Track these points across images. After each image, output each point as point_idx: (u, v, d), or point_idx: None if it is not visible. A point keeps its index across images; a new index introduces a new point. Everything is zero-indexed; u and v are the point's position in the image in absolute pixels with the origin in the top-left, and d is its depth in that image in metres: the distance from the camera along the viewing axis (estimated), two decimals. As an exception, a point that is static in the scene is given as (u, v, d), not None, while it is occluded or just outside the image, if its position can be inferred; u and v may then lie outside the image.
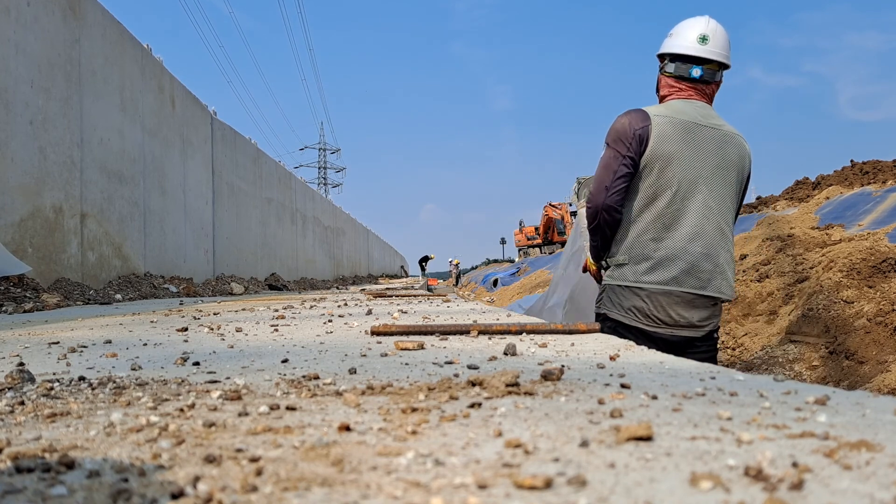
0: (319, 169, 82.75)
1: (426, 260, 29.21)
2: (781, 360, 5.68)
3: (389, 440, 0.70)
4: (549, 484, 0.53)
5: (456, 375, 1.10)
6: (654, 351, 1.44)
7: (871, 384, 4.57)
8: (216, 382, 1.10)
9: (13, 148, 4.85)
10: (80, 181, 5.81)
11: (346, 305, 4.01)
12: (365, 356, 1.43)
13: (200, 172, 9.22)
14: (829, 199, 10.40)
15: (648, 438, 0.67)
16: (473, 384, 0.97)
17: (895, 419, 0.73)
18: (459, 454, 0.64)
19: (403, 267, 51.90)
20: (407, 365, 1.26)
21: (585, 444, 0.66)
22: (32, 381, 1.10)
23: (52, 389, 1.03)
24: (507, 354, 1.37)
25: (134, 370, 1.30)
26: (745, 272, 7.64)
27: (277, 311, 3.48)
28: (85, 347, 1.76)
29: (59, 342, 1.94)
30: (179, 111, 8.47)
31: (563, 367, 1.13)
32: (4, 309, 3.90)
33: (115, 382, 1.08)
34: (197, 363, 1.36)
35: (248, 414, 0.83)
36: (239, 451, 0.66)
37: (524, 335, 1.78)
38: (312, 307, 3.90)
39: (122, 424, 0.79)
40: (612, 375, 1.08)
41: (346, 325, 2.42)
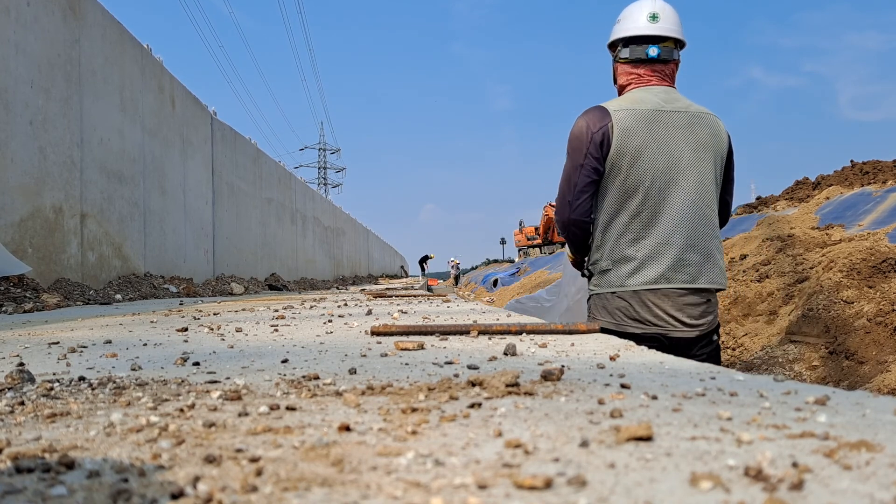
0: (319, 169, 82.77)
1: (426, 259, 29.14)
2: (781, 360, 5.68)
3: (389, 440, 0.70)
4: (549, 484, 0.53)
5: (456, 375, 1.10)
6: (653, 351, 1.44)
7: (871, 384, 4.57)
8: (216, 382, 1.10)
9: (13, 148, 4.85)
10: (80, 181, 5.81)
11: (346, 305, 4.01)
12: (365, 356, 1.43)
13: (200, 172, 9.22)
14: (829, 199, 10.41)
15: (648, 438, 0.67)
16: (473, 384, 0.97)
17: (895, 419, 0.73)
18: (459, 454, 0.64)
19: (403, 267, 51.90)
20: (407, 365, 1.26)
21: (585, 444, 0.66)
22: (32, 381, 1.10)
23: (52, 390, 1.03)
24: (507, 354, 1.37)
25: (134, 370, 1.30)
26: (745, 272, 7.65)
27: (277, 311, 3.48)
28: (85, 347, 1.76)
29: (59, 342, 1.94)
30: (179, 111, 8.47)
31: (563, 367, 1.13)
32: (4, 309, 3.90)
33: (115, 382, 1.09)
34: (197, 363, 1.36)
35: (248, 414, 0.83)
36: (239, 451, 0.66)
37: (524, 335, 1.78)
38: (312, 307, 3.90)
39: (122, 424, 0.79)
40: (612, 375, 1.08)
41: (346, 325, 2.42)
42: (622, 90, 2.43)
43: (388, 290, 9.47)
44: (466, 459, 0.62)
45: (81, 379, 1.12)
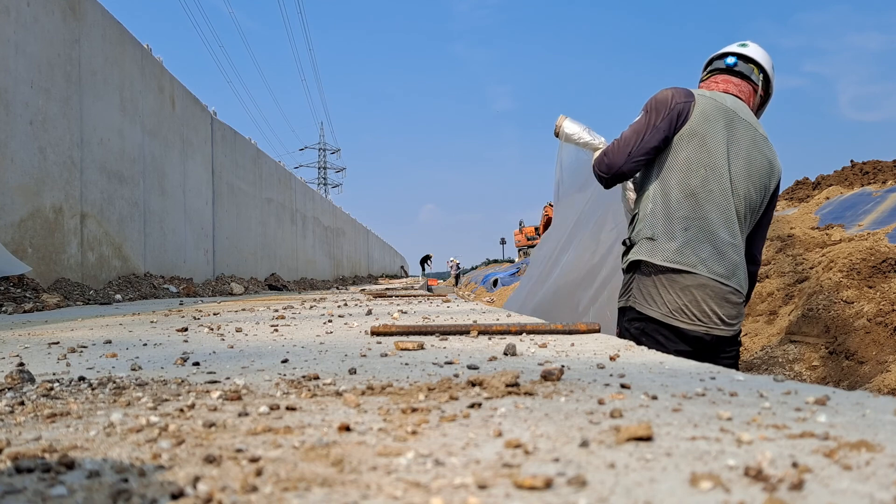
0: (319, 169, 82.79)
1: (427, 259, 29.14)
2: (781, 360, 5.68)
3: (389, 440, 0.70)
4: (549, 484, 0.53)
5: (456, 376, 1.10)
6: (653, 351, 1.44)
7: (871, 384, 4.57)
8: (216, 383, 1.10)
9: (13, 148, 4.85)
10: (79, 181, 5.81)
11: (345, 305, 4.01)
12: (365, 356, 1.43)
13: (200, 173, 9.22)
14: (829, 199, 10.40)
15: (648, 438, 0.67)
16: (473, 384, 0.97)
17: (895, 419, 0.73)
18: (459, 454, 0.64)
19: (403, 267, 51.90)
20: (407, 365, 1.26)
21: (585, 444, 0.66)
22: (32, 381, 1.10)
23: (51, 390, 1.03)
24: (506, 355, 1.37)
25: (134, 370, 1.30)
26: (745, 272, 7.64)
27: (277, 311, 3.48)
28: (85, 347, 1.76)
29: (58, 342, 1.94)
30: (179, 111, 8.47)
31: (563, 367, 1.13)
32: (4, 309, 3.91)
33: (114, 383, 1.08)
34: (197, 363, 1.36)
35: (247, 414, 0.83)
36: (239, 451, 0.66)
37: (524, 335, 1.78)
38: (312, 307, 3.90)
39: (121, 425, 0.79)
40: (612, 376, 1.08)
41: (346, 325, 2.42)
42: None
43: (387, 290, 9.47)
44: (466, 459, 0.62)
45: (81, 379, 1.12)
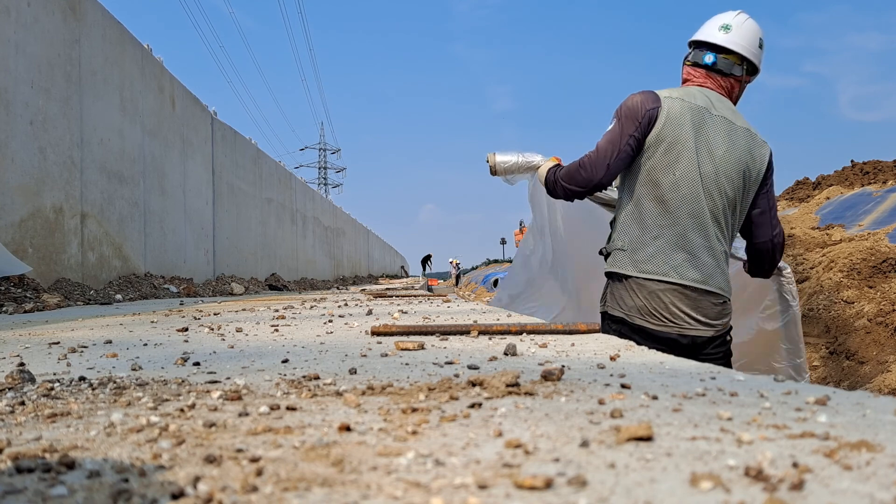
0: (319, 169, 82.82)
1: (428, 260, 29.16)
2: (782, 360, 5.67)
3: (389, 440, 0.70)
4: (549, 484, 0.53)
5: (456, 376, 1.10)
6: (654, 351, 1.44)
7: (871, 384, 4.57)
8: (216, 383, 1.10)
9: (13, 148, 4.85)
10: (80, 181, 5.81)
11: (346, 305, 4.01)
12: (365, 356, 1.43)
13: (200, 173, 9.22)
14: (829, 199, 10.41)
15: (649, 439, 0.67)
16: (474, 384, 0.97)
17: (895, 419, 0.73)
18: (459, 454, 0.64)
19: (404, 267, 51.89)
20: (407, 365, 1.26)
21: (586, 444, 0.66)
22: (33, 381, 1.10)
23: (52, 390, 1.03)
24: (507, 355, 1.37)
25: (134, 370, 1.30)
26: (745, 272, 7.64)
27: (277, 311, 3.48)
28: (85, 347, 1.76)
29: (59, 342, 1.94)
30: (179, 111, 8.47)
31: (563, 367, 1.13)
32: (5, 309, 3.91)
33: (115, 383, 1.09)
34: (197, 363, 1.36)
35: (248, 414, 0.83)
36: (239, 451, 0.66)
37: (524, 335, 1.78)
38: (313, 307, 3.90)
39: (122, 425, 0.79)
40: (612, 376, 1.08)
41: (346, 325, 2.42)
42: (682, 86, 2.47)
43: (388, 290, 9.47)
44: (466, 459, 0.62)
45: (82, 379, 1.12)
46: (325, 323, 2.54)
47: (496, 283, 23.15)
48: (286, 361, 1.36)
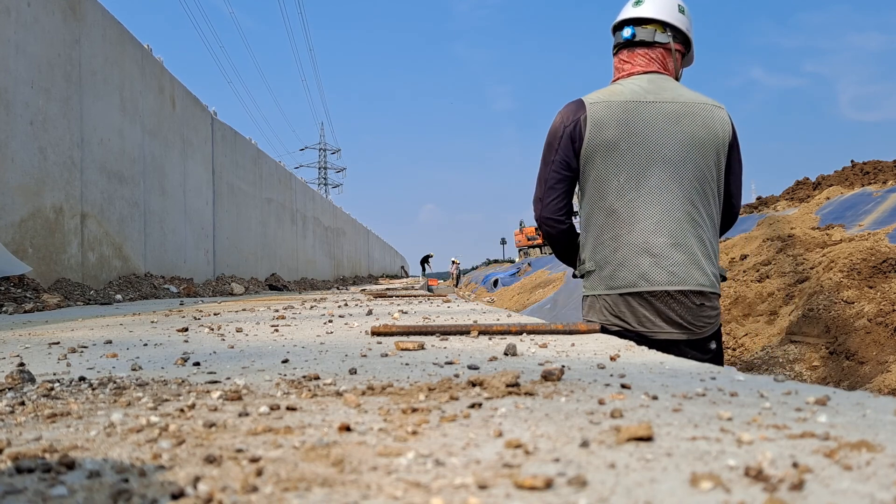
0: (319, 169, 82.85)
1: (428, 259, 29.12)
2: (782, 360, 5.68)
3: (390, 440, 0.70)
4: (549, 484, 0.53)
5: (456, 376, 1.10)
6: (654, 351, 1.44)
7: (871, 384, 4.58)
8: (216, 383, 1.10)
9: (13, 148, 4.85)
10: (80, 181, 5.81)
11: (346, 306, 4.01)
12: (365, 356, 1.43)
13: (200, 173, 9.22)
14: (829, 199, 10.41)
15: (649, 439, 0.67)
16: (474, 384, 0.97)
17: (895, 419, 0.73)
18: (460, 454, 0.64)
19: (404, 267, 51.90)
20: (407, 365, 1.26)
21: (586, 444, 0.66)
22: (33, 381, 1.10)
23: (52, 390, 1.03)
24: (507, 355, 1.37)
25: (134, 370, 1.30)
26: (745, 272, 7.65)
27: (278, 311, 3.48)
28: (85, 348, 1.76)
29: (59, 342, 1.94)
30: (179, 111, 8.47)
31: (563, 367, 1.13)
32: (5, 309, 3.91)
33: (115, 383, 1.09)
34: (197, 363, 1.36)
35: (248, 414, 0.83)
36: (239, 451, 0.66)
37: (524, 335, 1.78)
38: (313, 307, 3.90)
39: (122, 425, 0.79)
40: (612, 376, 1.08)
41: (346, 325, 2.42)
42: (613, 82, 2.32)
43: (388, 290, 9.47)
44: (467, 459, 0.62)
45: (82, 379, 1.12)
46: (325, 323, 2.54)
47: (496, 283, 23.16)
48: (286, 361, 1.36)
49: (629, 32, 2.23)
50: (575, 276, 2.36)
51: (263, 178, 12.74)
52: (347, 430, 0.74)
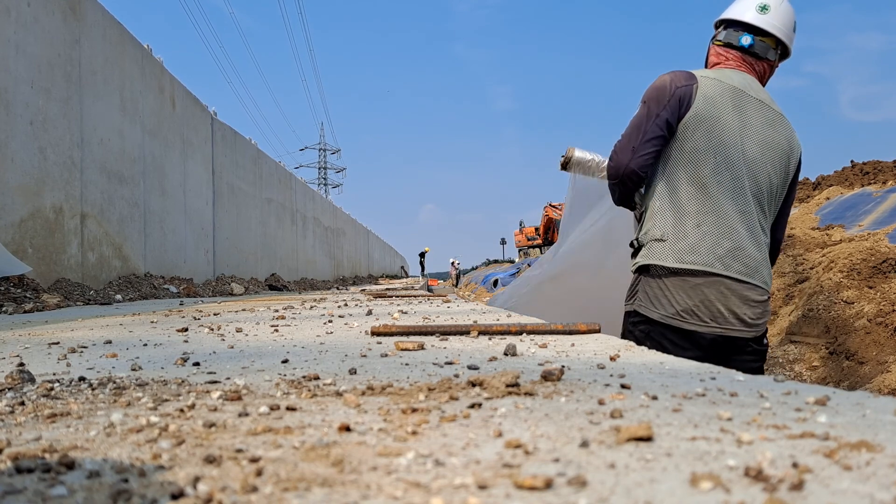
0: (319, 169, 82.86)
1: (423, 255, 29.12)
2: (782, 360, 5.68)
3: (389, 441, 0.70)
4: (549, 484, 0.53)
5: (456, 376, 1.10)
6: (654, 351, 1.44)
7: (871, 384, 4.58)
8: (216, 383, 1.10)
9: (13, 148, 4.85)
10: (80, 181, 5.81)
11: (346, 306, 4.01)
12: (365, 356, 1.43)
13: (200, 173, 9.22)
14: (829, 199, 10.41)
15: (648, 439, 0.67)
16: (473, 385, 0.97)
17: (895, 419, 0.73)
18: (459, 454, 0.64)
19: (403, 267, 51.90)
20: (407, 365, 1.26)
21: (585, 444, 0.66)
22: (32, 381, 1.10)
23: (52, 390, 1.03)
24: (507, 355, 1.37)
25: (134, 370, 1.30)
26: (745, 272, 7.64)
27: (277, 311, 3.48)
28: (85, 348, 1.76)
29: (59, 342, 1.94)
30: (179, 111, 8.47)
31: (563, 367, 1.13)
32: (4, 309, 3.91)
33: (115, 383, 1.08)
34: (197, 363, 1.36)
35: (248, 414, 0.83)
36: (239, 451, 0.66)
37: (524, 335, 1.78)
38: (312, 307, 3.90)
39: (122, 425, 0.79)
40: (612, 376, 1.08)
41: (346, 325, 2.42)
42: (711, 68, 2.30)
43: (388, 290, 9.47)
44: (466, 460, 0.62)
45: (81, 379, 1.12)
46: (325, 323, 2.54)
47: (496, 283, 23.15)
48: (286, 362, 1.36)
49: (749, 41, 2.22)
50: (632, 245, 2.28)
51: (263, 178, 12.73)
52: (347, 430, 0.74)
